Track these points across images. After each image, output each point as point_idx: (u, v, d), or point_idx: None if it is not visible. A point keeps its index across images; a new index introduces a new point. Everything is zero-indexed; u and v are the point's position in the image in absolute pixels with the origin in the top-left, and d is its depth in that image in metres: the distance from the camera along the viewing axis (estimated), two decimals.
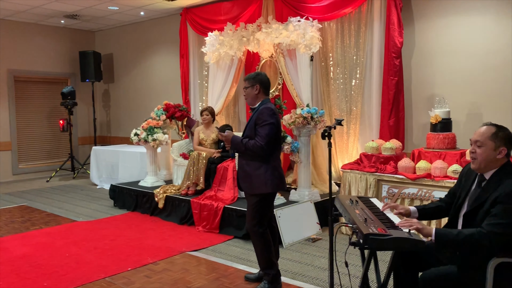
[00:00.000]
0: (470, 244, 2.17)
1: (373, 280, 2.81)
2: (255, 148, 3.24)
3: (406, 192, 4.40)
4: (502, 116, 4.78)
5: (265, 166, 3.32)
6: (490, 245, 2.14)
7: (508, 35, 4.72)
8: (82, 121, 9.86)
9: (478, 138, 2.35)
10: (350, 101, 5.82)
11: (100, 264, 4.08)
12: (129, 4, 7.40)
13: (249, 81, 3.42)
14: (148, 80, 8.89)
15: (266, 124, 3.25)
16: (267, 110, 3.28)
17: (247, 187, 3.40)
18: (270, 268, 3.41)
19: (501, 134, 2.31)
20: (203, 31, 7.06)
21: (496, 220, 2.16)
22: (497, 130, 2.32)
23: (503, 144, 2.31)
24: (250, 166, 3.35)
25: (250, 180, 3.36)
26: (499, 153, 2.30)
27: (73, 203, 6.69)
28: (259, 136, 3.25)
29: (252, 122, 3.33)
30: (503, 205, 2.18)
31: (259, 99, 3.42)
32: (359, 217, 2.41)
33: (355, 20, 5.69)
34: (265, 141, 3.23)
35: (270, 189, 3.35)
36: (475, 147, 2.35)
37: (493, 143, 2.30)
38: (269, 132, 3.25)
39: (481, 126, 2.40)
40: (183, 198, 5.44)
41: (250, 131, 3.34)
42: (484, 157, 2.31)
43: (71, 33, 9.52)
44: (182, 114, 6.43)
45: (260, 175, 3.31)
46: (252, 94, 3.41)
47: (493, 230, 2.14)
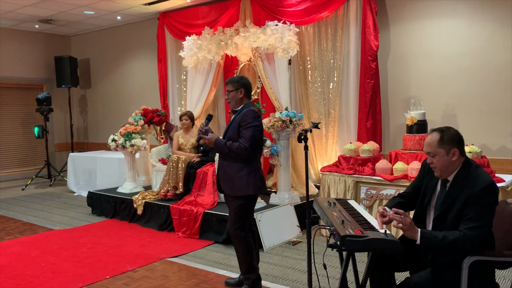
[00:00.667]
0: (455, 248, 2.18)
1: (352, 281, 2.83)
2: (239, 150, 3.25)
3: (384, 193, 4.45)
4: (475, 116, 4.90)
5: (247, 168, 3.32)
6: (472, 248, 2.17)
7: (479, 38, 4.84)
8: (59, 128, 9.68)
9: (429, 149, 2.35)
10: (328, 104, 5.87)
11: (77, 273, 4.00)
12: (106, 9, 7.32)
13: (233, 84, 3.42)
14: (126, 85, 8.80)
15: (251, 126, 3.26)
16: (251, 113, 3.30)
17: (229, 189, 3.39)
18: (251, 272, 3.41)
19: (447, 138, 2.32)
20: (180, 35, 7.03)
21: (474, 224, 2.18)
22: (441, 135, 2.32)
23: (452, 146, 2.31)
24: (232, 167, 3.34)
25: (232, 182, 3.35)
26: (452, 155, 2.31)
27: (50, 211, 6.55)
28: (243, 138, 3.26)
29: (236, 124, 3.32)
30: (476, 205, 2.20)
31: (242, 103, 3.44)
32: (336, 219, 2.42)
33: (331, 24, 5.75)
34: (249, 143, 3.25)
35: (252, 191, 3.35)
36: (430, 158, 2.36)
37: (443, 149, 2.31)
38: (253, 134, 3.27)
39: (428, 133, 2.41)
40: (162, 204, 5.38)
41: (233, 133, 3.34)
42: (441, 164, 2.32)
43: (46, 38, 9.35)
44: (161, 119, 6.38)
45: (243, 177, 3.31)
46: (237, 97, 3.42)
47: (474, 234, 2.16)
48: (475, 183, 2.24)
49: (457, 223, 2.25)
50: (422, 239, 2.19)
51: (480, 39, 4.84)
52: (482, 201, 2.20)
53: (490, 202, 2.21)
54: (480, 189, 2.21)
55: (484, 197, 2.20)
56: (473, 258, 2.23)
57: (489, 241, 2.32)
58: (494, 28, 4.76)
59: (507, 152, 4.74)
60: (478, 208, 2.19)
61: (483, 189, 2.20)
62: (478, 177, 2.26)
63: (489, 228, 2.22)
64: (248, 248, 3.39)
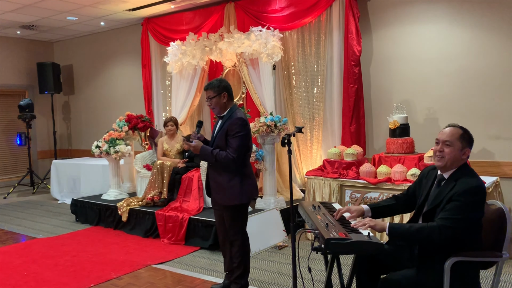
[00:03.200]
0: (421, 236, 2.25)
1: (337, 285, 2.85)
2: (227, 159, 3.16)
3: (368, 197, 4.50)
4: (456, 119, 4.92)
5: (238, 176, 3.25)
6: (439, 238, 2.22)
7: (459, 42, 4.94)
8: (41, 135, 9.54)
9: (448, 138, 2.42)
10: (312, 108, 5.91)
11: (61, 281, 3.94)
12: (89, 14, 7.27)
13: (214, 90, 3.26)
14: (110, 91, 8.73)
15: (238, 136, 3.17)
16: (239, 121, 3.19)
17: (221, 199, 3.31)
18: (242, 278, 3.39)
19: (467, 136, 2.42)
20: (165, 41, 7.01)
21: (447, 215, 2.26)
22: (463, 132, 2.43)
23: (467, 145, 2.41)
24: (223, 177, 3.26)
25: (224, 192, 3.27)
26: (463, 153, 2.41)
27: (33, 219, 6.44)
28: (231, 148, 3.16)
29: (223, 132, 3.22)
30: (456, 202, 2.27)
31: (227, 107, 3.31)
32: (321, 222, 2.44)
33: (315, 29, 5.81)
34: (237, 154, 3.16)
35: (246, 200, 3.31)
36: (443, 146, 2.42)
37: (460, 144, 2.40)
38: (241, 143, 3.18)
39: (447, 126, 2.48)
40: (148, 210, 5.34)
41: (220, 141, 3.24)
42: (452, 156, 2.40)
43: (28, 44, 9.23)
44: (145, 125, 6.35)
45: (234, 186, 3.23)
46: (221, 103, 3.27)
47: (443, 224, 2.24)
48: (463, 184, 2.31)
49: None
50: (390, 228, 2.30)
51: (460, 44, 4.94)
52: (463, 199, 2.26)
53: (472, 202, 2.27)
54: (466, 189, 2.28)
55: (466, 196, 2.26)
56: (455, 258, 2.27)
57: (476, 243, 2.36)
58: (473, 33, 4.86)
59: (488, 154, 4.84)
60: (457, 204, 2.26)
61: (467, 189, 2.28)
62: (469, 179, 2.33)
63: (464, 224, 2.25)
64: (246, 253, 3.38)
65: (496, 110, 4.77)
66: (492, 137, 4.81)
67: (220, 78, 3.42)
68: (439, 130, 2.67)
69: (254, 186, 3.38)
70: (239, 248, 3.34)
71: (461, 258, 2.28)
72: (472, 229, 2.32)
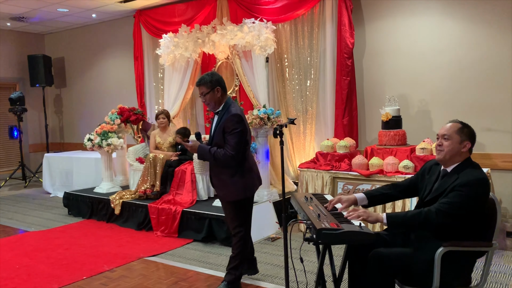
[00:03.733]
0: (419, 219, 2.30)
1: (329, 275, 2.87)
2: (226, 157, 3.13)
3: (360, 188, 4.52)
4: (448, 112, 5.01)
5: (240, 171, 3.24)
6: (436, 220, 2.26)
7: (451, 35, 4.96)
8: (33, 128, 9.46)
9: (446, 132, 2.47)
10: (305, 101, 5.91)
11: (53, 274, 3.93)
12: (80, 6, 7.19)
13: (207, 85, 3.18)
14: (102, 84, 8.67)
15: (235, 132, 3.13)
16: (234, 117, 3.14)
17: (226, 195, 3.32)
18: (236, 269, 3.40)
19: (466, 130, 2.46)
20: (157, 33, 6.96)
21: (446, 201, 2.31)
22: (462, 126, 2.47)
23: (467, 139, 2.45)
24: (226, 174, 3.25)
25: (227, 188, 3.27)
26: (463, 146, 2.44)
27: (25, 213, 6.41)
28: (229, 145, 3.13)
29: (220, 129, 3.18)
30: (458, 191, 2.31)
31: (222, 101, 3.25)
32: (312, 213, 2.45)
33: (308, 21, 5.79)
34: (236, 151, 3.13)
35: (249, 194, 3.32)
36: (442, 140, 2.48)
37: (459, 137, 2.44)
38: (239, 140, 3.15)
39: (448, 122, 2.54)
40: (140, 203, 5.33)
41: (218, 139, 3.21)
42: (450, 149, 2.44)
43: (19, 36, 9.12)
44: (137, 117, 6.32)
45: (237, 182, 3.23)
46: (215, 98, 3.21)
47: (440, 208, 2.28)
48: (466, 176, 2.35)
49: None
50: (388, 218, 2.34)
51: (452, 37, 4.96)
52: (465, 189, 2.30)
53: (474, 193, 2.30)
54: (470, 180, 2.32)
55: (468, 187, 2.30)
56: (446, 249, 2.29)
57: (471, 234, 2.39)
58: (464, 26, 4.88)
59: (479, 146, 4.87)
60: (457, 193, 2.31)
61: (471, 181, 2.32)
62: (472, 172, 2.37)
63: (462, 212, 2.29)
64: (245, 246, 3.38)
65: (487, 102, 4.80)
66: (483, 129, 4.84)
67: (212, 72, 3.35)
68: (431, 122, 2.71)
69: (257, 178, 3.39)
70: (240, 239, 3.35)
71: (452, 248, 2.31)
72: (472, 221, 2.34)
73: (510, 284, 3.44)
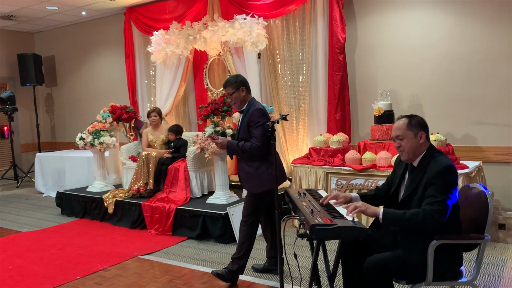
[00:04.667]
0: (416, 221, 2.28)
1: (323, 271, 2.87)
2: (252, 149, 3.34)
3: (354, 183, 4.53)
4: (440, 105, 5.03)
5: (265, 164, 3.41)
6: (433, 222, 2.25)
7: (442, 29, 4.97)
8: (24, 127, 9.38)
9: (398, 132, 2.49)
10: (298, 97, 5.91)
11: (47, 274, 3.91)
12: (69, 4, 7.12)
13: (232, 86, 3.45)
14: (93, 82, 8.60)
15: (259, 125, 3.34)
16: (257, 112, 3.38)
17: (251, 187, 3.47)
18: (240, 259, 3.47)
19: (414, 122, 2.48)
20: (148, 31, 6.92)
21: (433, 199, 2.29)
22: (410, 120, 2.49)
23: (420, 129, 2.46)
24: (251, 167, 3.44)
25: (253, 180, 3.44)
26: (420, 138, 2.46)
27: (17, 213, 6.36)
28: (254, 137, 3.35)
29: (245, 125, 3.42)
30: (434, 185, 2.32)
31: (247, 100, 3.49)
32: (306, 209, 2.45)
33: (299, 17, 5.78)
34: (261, 142, 3.33)
35: (273, 185, 3.39)
36: (399, 141, 2.49)
37: (411, 132, 2.46)
38: (263, 132, 3.32)
39: (396, 120, 2.55)
40: (134, 201, 5.31)
41: (244, 134, 3.44)
42: (410, 146, 2.46)
43: (8, 35, 9.02)
44: (130, 115, 6.28)
45: (262, 173, 3.40)
46: (240, 97, 3.46)
47: (433, 208, 2.27)
48: (434, 167, 2.36)
49: (421, 204, 2.35)
50: (384, 214, 2.33)
51: (443, 31, 4.97)
52: (439, 180, 2.31)
53: (448, 181, 2.32)
54: (437, 170, 2.33)
55: (441, 177, 2.32)
56: (439, 242, 2.30)
57: (455, 226, 2.41)
58: (455, 20, 4.89)
59: (471, 139, 4.90)
60: (436, 187, 2.31)
61: (439, 171, 2.33)
62: (438, 161, 2.38)
63: (451, 201, 2.31)
64: (249, 234, 3.47)
65: (478, 96, 4.82)
66: (475, 122, 4.87)
67: (237, 74, 3.65)
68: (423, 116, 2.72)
69: (281, 172, 3.56)
70: (248, 227, 3.46)
71: (445, 241, 2.32)
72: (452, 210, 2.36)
73: (502, 276, 3.47)
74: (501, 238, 4.19)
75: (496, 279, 3.43)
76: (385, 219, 2.33)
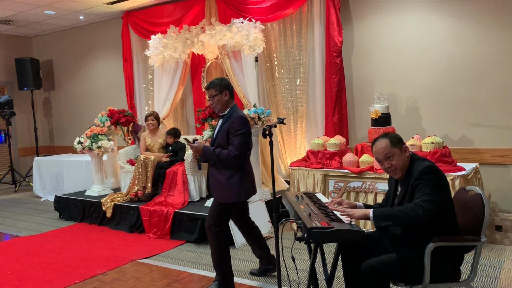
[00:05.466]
0: (406, 212, 2.30)
1: (321, 273, 2.88)
2: (229, 157, 3.21)
3: (351, 186, 4.55)
4: (436, 108, 5.06)
5: (238, 174, 3.30)
6: (423, 211, 2.27)
7: (438, 32, 5.00)
8: (22, 132, 9.38)
9: (387, 151, 2.50)
10: (295, 100, 5.93)
11: (45, 279, 3.90)
12: (67, 8, 7.14)
13: (216, 88, 3.32)
14: (91, 86, 8.61)
15: (239, 134, 3.22)
16: (240, 120, 3.25)
17: (220, 197, 3.35)
18: (220, 268, 3.41)
19: (394, 139, 2.51)
20: (146, 34, 6.94)
21: (421, 194, 2.33)
22: (390, 138, 2.51)
23: (401, 144, 2.51)
24: (223, 175, 3.31)
25: (223, 189, 3.32)
26: (404, 151, 2.51)
27: (15, 217, 6.35)
28: (232, 145, 3.22)
29: (224, 131, 3.27)
30: (420, 185, 2.36)
31: (229, 105, 3.37)
32: (303, 212, 2.46)
33: (296, 20, 5.80)
34: (239, 151, 3.21)
35: (244, 198, 3.38)
36: (389, 162, 2.50)
37: (397, 148, 2.49)
38: (243, 141, 3.23)
39: (375, 143, 2.56)
40: (132, 205, 5.31)
41: (221, 140, 3.29)
42: (401, 163, 2.49)
43: (6, 39, 9.03)
44: (127, 119, 6.29)
45: (234, 183, 3.29)
46: (223, 101, 3.33)
47: (424, 199, 2.30)
48: (416, 170, 2.41)
49: None
50: (374, 212, 2.36)
51: (439, 33, 5.00)
52: (423, 180, 2.35)
53: (431, 179, 2.35)
54: (418, 172, 2.38)
55: (423, 177, 2.36)
56: (436, 244, 2.32)
57: (453, 228, 2.42)
58: (452, 22, 4.92)
59: (468, 142, 4.92)
60: (421, 185, 2.35)
61: (420, 172, 2.38)
62: (419, 165, 2.44)
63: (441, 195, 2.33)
64: (220, 244, 3.38)
65: (475, 98, 4.85)
66: (471, 124, 4.89)
67: (222, 77, 3.51)
68: (420, 118, 2.73)
69: (252, 184, 3.45)
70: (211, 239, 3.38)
71: (441, 243, 2.34)
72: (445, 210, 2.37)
73: (500, 277, 3.49)
74: (498, 239, 4.20)
75: (494, 280, 3.44)
76: (376, 217, 2.35)
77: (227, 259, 3.44)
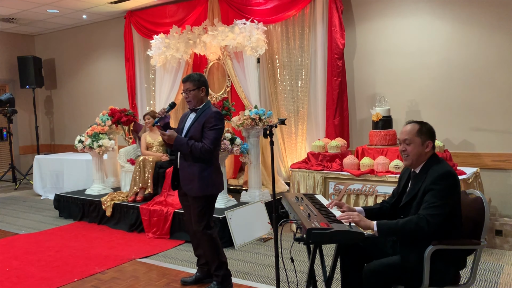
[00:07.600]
0: (410, 227, 2.28)
1: (320, 275, 2.88)
2: (203, 150, 3.23)
3: (351, 188, 4.54)
4: (437, 111, 5.05)
5: (210, 168, 3.34)
6: (428, 226, 2.26)
7: (440, 35, 5.00)
8: (23, 130, 9.39)
9: (406, 136, 2.48)
10: (297, 102, 5.93)
11: (44, 277, 3.90)
12: (70, 7, 7.15)
13: (194, 83, 3.33)
14: (93, 85, 8.62)
15: (216, 128, 3.27)
16: (217, 115, 3.30)
17: (192, 189, 3.32)
18: (220, 269, 3.42)
19: (425, 130, 2.47)
20: (148, 34, 6.95)
21: (428, 205, 2.30)
22: (421, 126, 2.48)
23: (428, 138, 2.47)
24: (195, 167, 3.30)
25: (195, 182, 3.30)
26: (426, 146, 2.46)
27: (15, 215, 6.36)
28: (207, 139, 3.25)
29: (199, 124, 3.30)
30: (432, 191, 2.32)
31: (203, 101, 3.41)
32: (303, 213, 2.46)
33: (299, 22, 5.81)
34: (214, 145, 3.26)
35: (216, 191, 3.39)
36: (405, 145, 2.49)
37: (420, 139, 2.46)
38: (217, 136, 3.29)
39: (405, 124, 2.55)
40: (132, 205, 5.31)
41: (196, 133, 3.30)
42: (415, 153, 2.46)
43: (8, 37, 9.05)
44: (129, 119, 6.30)
45: (206, 177, 3.30)
46: (199, 96, 3.36)
47: (428, 213, 2.28)
48: (434, 173, 2.37)
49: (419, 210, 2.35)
50: (378, 226, 2.33)
51: (441, 37, 5.00)
52: (438, 186, 2.31)
53: (446, 187, 2.32)
54: (436, 176, 2.34)
55: (439, 182, 2.32)
56: (435, 247, 2.31)
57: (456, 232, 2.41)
58: (453, 26, 4.93)
59: (469, 146, 4.92)
60: (434, 192, 2.32)
61: (438, 176, 2.33)
62: (438, 168, 2.39)
63: (447, 209, 2.30)
64: (216, 245, 3.40)
65: (476, 102, 4.85)
66: (472, 128, 4.89)
67: (200, 73, 3.52)
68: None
69: (222, 180, 3.48)
70: (207, 242, 3.37)
71: (441, 246, 2.33)
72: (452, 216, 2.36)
73: (499, 282, 3.48)
74: (498, 244, 4.19)
75: (493, 285, 3.43)
76: (380, 231, 2.32)
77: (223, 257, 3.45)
